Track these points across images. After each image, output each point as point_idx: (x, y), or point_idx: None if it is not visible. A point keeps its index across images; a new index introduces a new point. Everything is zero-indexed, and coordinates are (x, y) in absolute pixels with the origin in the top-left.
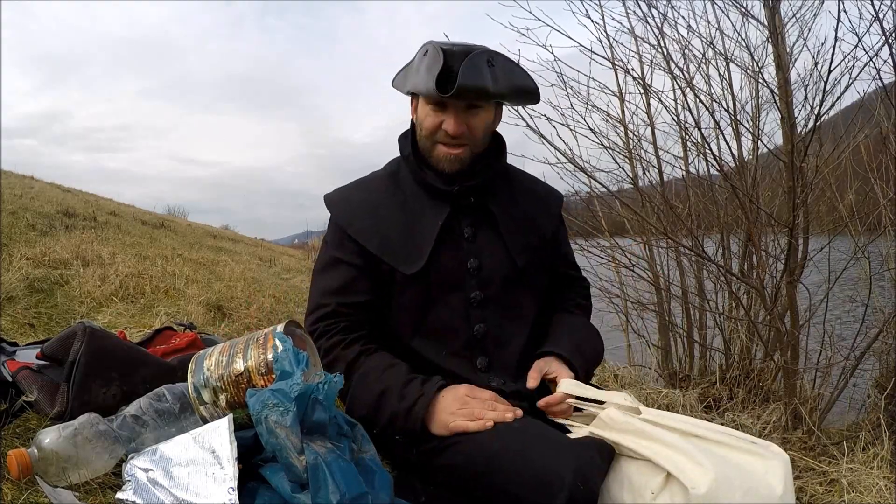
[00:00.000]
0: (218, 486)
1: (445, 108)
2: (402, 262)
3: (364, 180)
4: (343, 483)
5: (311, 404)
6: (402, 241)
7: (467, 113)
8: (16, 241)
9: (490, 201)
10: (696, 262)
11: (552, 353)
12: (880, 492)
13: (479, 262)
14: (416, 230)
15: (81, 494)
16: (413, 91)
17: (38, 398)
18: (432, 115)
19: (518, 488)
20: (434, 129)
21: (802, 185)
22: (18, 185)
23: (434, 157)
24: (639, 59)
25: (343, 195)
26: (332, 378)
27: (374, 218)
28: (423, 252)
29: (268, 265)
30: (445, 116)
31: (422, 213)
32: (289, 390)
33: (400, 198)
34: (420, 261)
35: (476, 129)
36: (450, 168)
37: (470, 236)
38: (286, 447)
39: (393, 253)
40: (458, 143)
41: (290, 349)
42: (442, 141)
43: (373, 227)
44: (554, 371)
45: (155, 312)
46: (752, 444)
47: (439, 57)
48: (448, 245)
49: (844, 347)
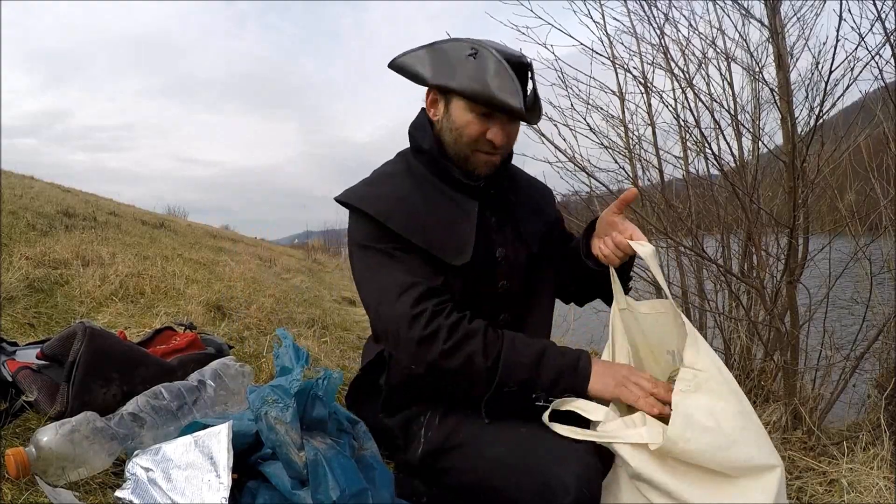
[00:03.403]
0: (212, 494)
1: (492, 118)
2: (449, 253)
3: (381, 176)
4: (343, 479)
5: (310, 400)
6: (444, 232)
7: (509, 124)
8: (16, 241)
9: (506, 193)
10: (695, 262)
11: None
12: (880, 492)
13: (505, 251)
14: (454, 222)
15: (81, 494)
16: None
17: (37, 398)
18: (476, 122)
19: (521, 493)
20: (477, 137)
21: (803, 185)
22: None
23: (471, 162)
24: (639, 58)
25: (369, 191)
26: (331, 374)
27: (411, 211)
28: (468, 243)
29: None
30: (491, 126)
31: (454, 205)
32: (288, 386)
33: (427, 191)
34: (466, 252)
35: (513, 138)
36: (484, 172)
37: (496, 226)
38: (286, 443)
39: (440, 245)
40: (498, 152)
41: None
42: (484, 150)
43: (413, 220)
44: (629, 228)
45: (155, 312)
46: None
47: (509, 70)
48: (480, 236)
49: (844, 347)
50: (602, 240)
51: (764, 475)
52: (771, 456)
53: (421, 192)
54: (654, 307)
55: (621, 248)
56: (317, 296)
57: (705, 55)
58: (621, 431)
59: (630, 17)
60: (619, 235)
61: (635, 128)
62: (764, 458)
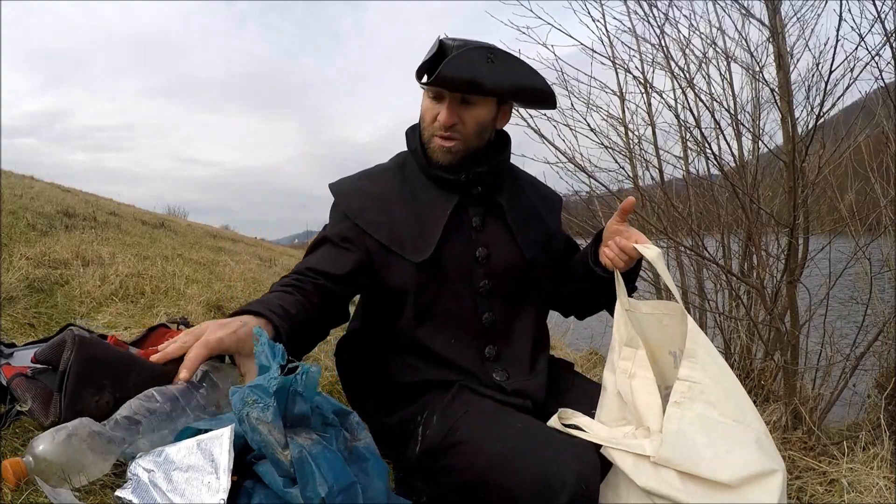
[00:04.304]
0: (211, 496)
1: (442, 100)
2: (410, 250)
3: (372, 171)
4: (330, 474)
5: (291, 397)
6: (410, 230)
7: (461, 106)
8: (16, 241)
9: (497, 194)
10: (696, 261)
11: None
12: (880, 492)
13: (488, 251)
14: (424, 220)
15: (81, 494)
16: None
17: (32, 407)
18: (430, 107)
19: (519, 490)
20: (431, 121)
21: (803, 185)
22: (18, 185)
23: (430, 149)
24: (640, 57)
25: (352, 185)
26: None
27: (384, 208)
28: (432, 240)
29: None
30: (441, 108)
31: (431, 203)
32: (267, 385)
33: (409, 189)
34: (428, 249)
35: (468, 122)
36: (442, 160)
37: (478, 226)
38: (270, 443)
39: (401, 242)
40: (451, 136)
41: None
42: (437, 133)
43: (382, 218)
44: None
45: (155, 312)
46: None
47: (434, 47)
48: (457, 234)
49: (844, 347)
50: (607, 245)
51: (762, 481)
52: (770, 461)
53: (403, 191)
54: (657, 308)
55: (626, 252)
56: None
57: (705, 55)
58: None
59: (630, 17)
60: (624, 240)
61: (635, 128)
62: (763, 465)
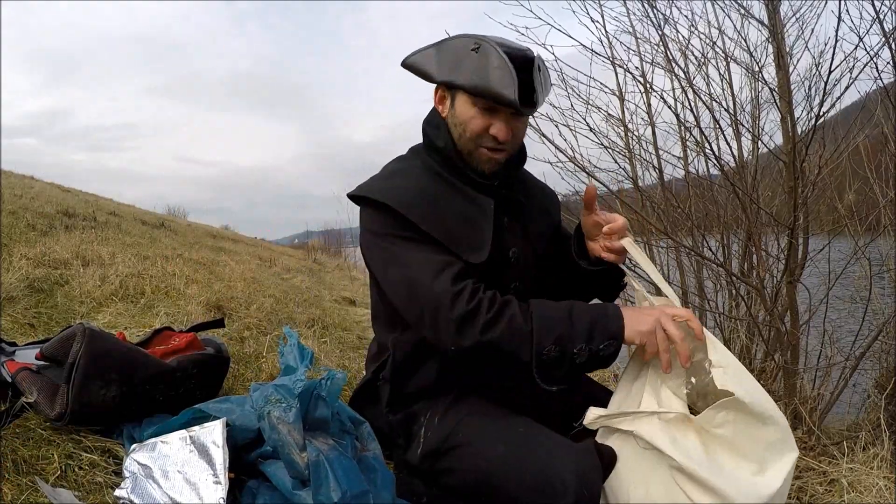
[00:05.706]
0: (210, 494)
1: (495, 113)
2: (466, 250)
3: (396, 171)
4: (345, 480)
5: (313, 401)
6: (462, 228)
7: (514, 119)
8: (16, 241)
9: (517, 193)
10: (696, 261)
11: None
12: (880, 492)
13: (517, 252)
14: (472, 219)
15: (81, 494)
16: (473, 90)
17: (37, 399)
18: (479, 117)
19: (521, 492)
20: (480, 132)
21: (803, 185)
22: (18, 185)
23: (475, 158)
24: (639, 57)
25: (388, 183)
26: (335, 374)
27: (431, 204)
28: (486, 241)
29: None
30: (494, 121)
31: (471, 202)
32: (292, 386)
33: (444, 187)
34: (484, 250)
35: (518, 135)
36: (489, 170)
37: (508, 227)
38: (288, 443)
39: (458, 240)
40: (502, 148)
41: (296, 344)
42: (487, 145)
43: (433, 214)
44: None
45: (155, 312)
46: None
47: (508, 64)
48: (494, 235)
49: (844, 347)
50: (599, 244)
51: (783, 457)
52: (792, 440)
53: (438, 188)
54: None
55: (614, 252)
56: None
57: (705, 55)
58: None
59: (629, 17)
60: (610, 243)
61: (635, 128)
62: (788, 440)
